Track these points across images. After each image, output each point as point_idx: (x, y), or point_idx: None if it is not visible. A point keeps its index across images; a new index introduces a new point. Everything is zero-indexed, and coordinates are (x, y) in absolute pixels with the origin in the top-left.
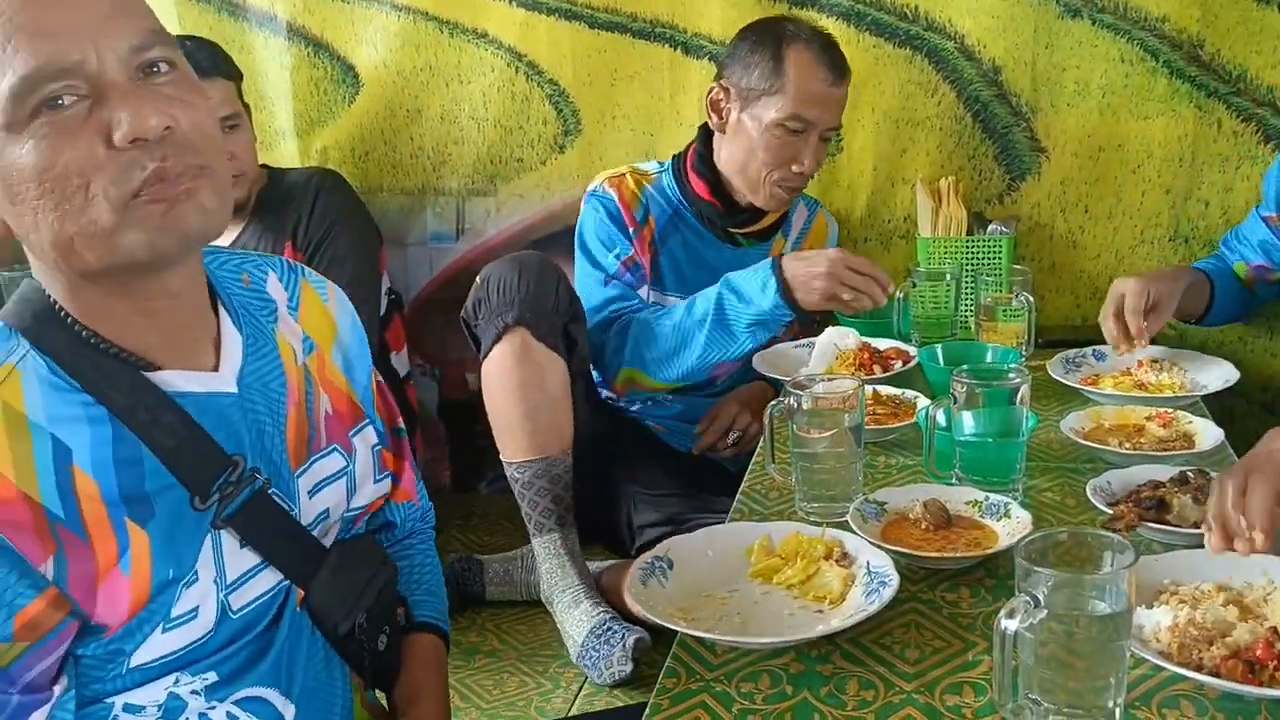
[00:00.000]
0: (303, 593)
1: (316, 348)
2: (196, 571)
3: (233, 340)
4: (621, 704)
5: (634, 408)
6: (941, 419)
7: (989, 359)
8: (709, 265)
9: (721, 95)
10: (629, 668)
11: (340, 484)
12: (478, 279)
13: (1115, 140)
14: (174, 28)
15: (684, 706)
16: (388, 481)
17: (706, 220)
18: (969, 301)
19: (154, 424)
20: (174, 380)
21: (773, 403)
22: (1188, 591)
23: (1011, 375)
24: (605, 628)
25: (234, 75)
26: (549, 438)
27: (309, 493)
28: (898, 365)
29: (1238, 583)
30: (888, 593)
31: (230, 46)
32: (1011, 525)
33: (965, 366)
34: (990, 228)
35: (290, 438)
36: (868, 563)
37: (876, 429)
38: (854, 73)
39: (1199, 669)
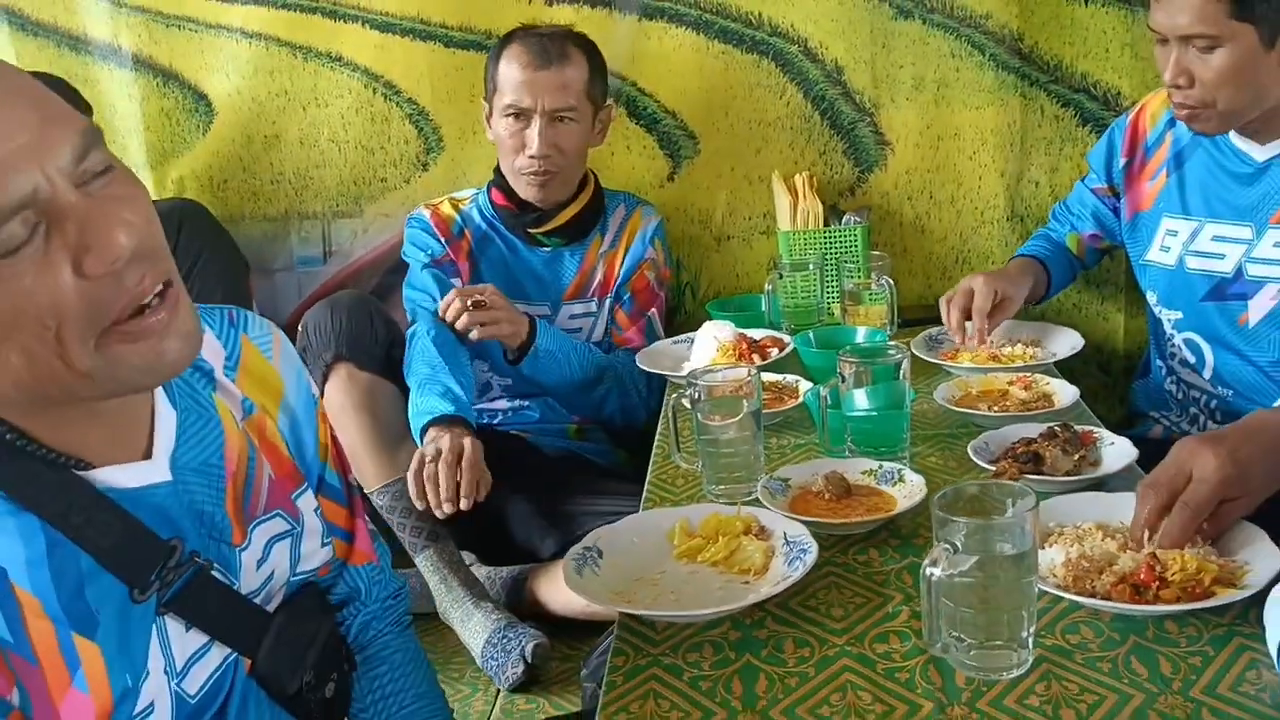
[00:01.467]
0: (250, 661)
1: (257, 410)
2: (148, 666)
3: (167, 419)
4: (537, 702)
5: (495, 421)
6: (830, 398)
7: (859, 340)
8: (523, 270)
9: (485, 105)
10: (520, 669)
11: (285, 546)
12: (299, 327)
13: (951, 130)
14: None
15: (638, 681)
16: (333, 545)
17: (510, 227)
18: (832, 288)
19: (88, 525)
20: (106, 478)
21: (673, 396)
22: (1072, 531)
23: (892, 352)
24: (501, 635)
25: (83, 110)
26: (398, 458)
27: (256, 562)
28: (774, 352)
29: (1114, 521)
30: (810, 558)
31: (74, 81)
32: (906, 489)
33: (849, 347)
34: (845, 218)
35: (230, 511)
36: (784, 534)
37: (766, 413)
38: (705, 78)
39: (1093, 596)
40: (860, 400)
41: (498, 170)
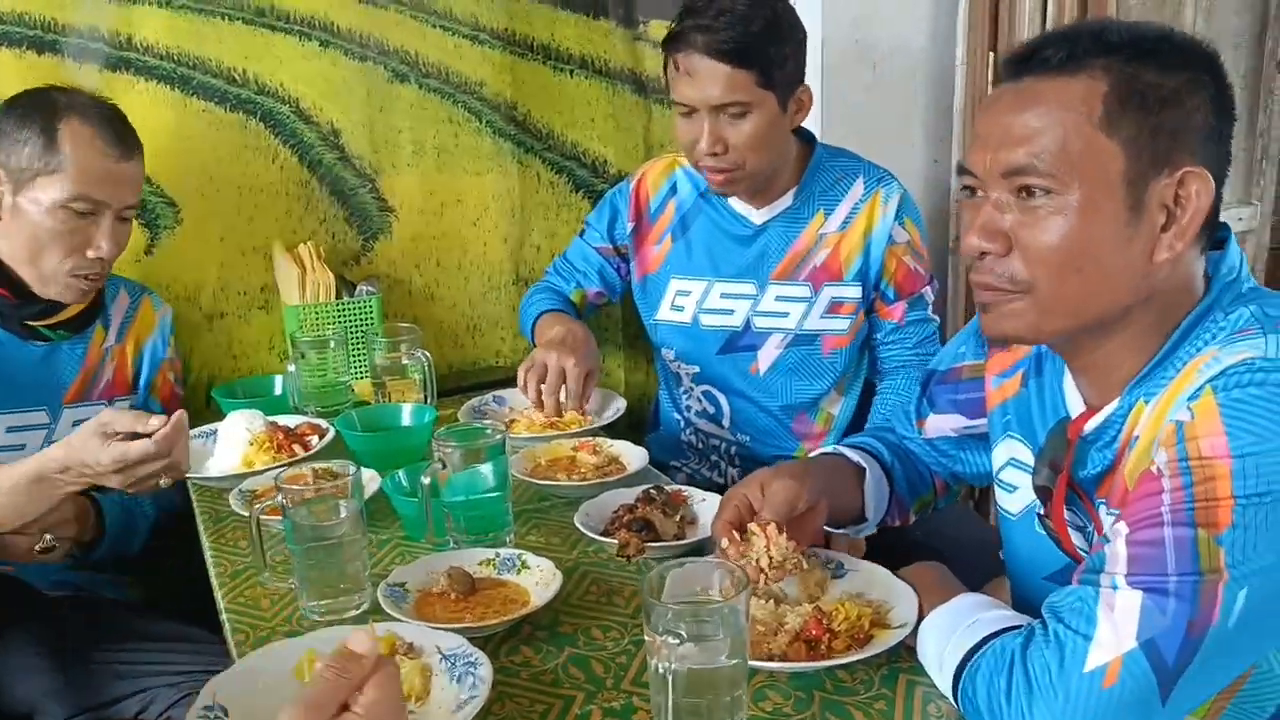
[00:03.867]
0: None
1: None
2: None
3: None
4: None
5: None
6: (432, 486)
7: (406, 419)
8: (15, 369)
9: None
10: None
11: None
12: None
13: (455, 196)
14: None
15: None
16: None
17: (2, 318)
18: (357, 364)
19: None
20: None
21: (255, 506)
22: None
23: (490, 432)
24: None
25: None
26: None
27: None
28: (315, 440)
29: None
30: (485, 672)
31: None
32: (536, 575)
33: (445, 430)
34: (357, 289)
35: None
36: (438, 647)
37: None
38: (184, 139)
39: (771, 659)
40: (466, 484)
41: None
